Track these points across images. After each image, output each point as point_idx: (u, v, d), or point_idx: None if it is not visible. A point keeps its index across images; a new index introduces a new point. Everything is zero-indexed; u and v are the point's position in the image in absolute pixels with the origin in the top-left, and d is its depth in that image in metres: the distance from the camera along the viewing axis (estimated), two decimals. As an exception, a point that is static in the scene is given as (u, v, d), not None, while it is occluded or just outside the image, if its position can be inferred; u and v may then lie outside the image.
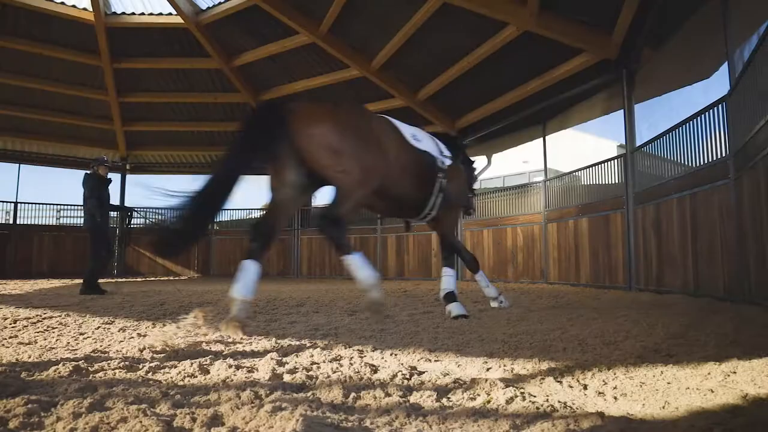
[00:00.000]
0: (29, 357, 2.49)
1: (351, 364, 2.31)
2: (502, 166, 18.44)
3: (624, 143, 7.21)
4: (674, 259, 5.74)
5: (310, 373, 2.14)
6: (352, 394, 1.81)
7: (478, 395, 1.81)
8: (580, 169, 8.31)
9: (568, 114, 9.29)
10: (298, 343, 2.88)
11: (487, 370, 2.25)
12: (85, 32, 10.77)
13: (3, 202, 12.66)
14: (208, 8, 10.38)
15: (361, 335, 3.21)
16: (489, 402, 1.72)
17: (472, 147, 11.52)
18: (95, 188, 7.14)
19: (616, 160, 7.43)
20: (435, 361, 2.45)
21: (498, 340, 2.92)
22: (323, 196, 3.71)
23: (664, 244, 5.99)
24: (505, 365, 2.31)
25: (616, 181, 7.36)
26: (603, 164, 7.71)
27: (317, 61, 10.76)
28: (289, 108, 3.29)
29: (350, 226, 3.28)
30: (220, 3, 10.16)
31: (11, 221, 12.56)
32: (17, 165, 13.04)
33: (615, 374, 2.09)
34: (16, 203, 12.64)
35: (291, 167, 3.28)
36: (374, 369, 2.20)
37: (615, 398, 1.79)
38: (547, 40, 7.46)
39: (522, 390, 1.84)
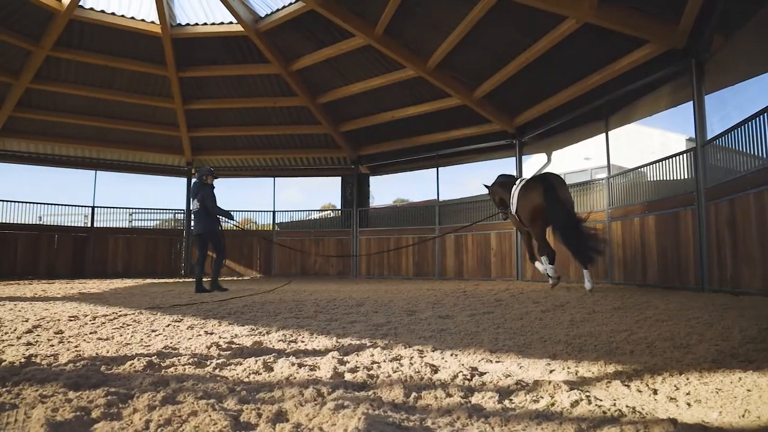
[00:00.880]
0: (107, 352, 2.65)
1: (411, 363, 2.31)
2: (562, 164, 17.95)
3: (694, 137, 6.85)
4: (752, 258, 5.39)
5: (371, 372, 2.17)
6: (413, 394, 1.81)
7: (542, 398, 1.78)
8: (646, 165, 7.95)
9: (632, 108, 8.92)
10: (358, 342, 2.91)
11: (551, 372, 2.20)
12: (153, 44, 11.36)
13: (82, 206, 13.50)
14: (267, 15, 10.68)
15: (421, 335, 3.22)
16: (553, 405, 1.69)
17: (531, 145, 11.28)
18: (212, 196, 7.86)
19: (685, 155, 7.08)
20: (496, 362, 2.42)
21: (561, 342, 2.86)
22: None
23: (740, 242, 5.64)
24: (568, 367, 2.25)
25: (686, 177, 7.01)
26: (671, 159, 7.36)
27: (373, 62, 10.85)
28: (552, 181, 6.80)
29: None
30: (278, 10, 10.43)
31: (89, 224, 13.38)
32: (94, 172, 13.87)
33: (688, 379, 2.00)
34: (93, 207, 13.45)
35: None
36: (435, 369, 2.20)
37: (688, 404, 1.71)
38: (608, 32, 7.20)
39: (587, 393, 1.79)
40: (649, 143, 20.10)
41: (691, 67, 6.73)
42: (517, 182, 7.60)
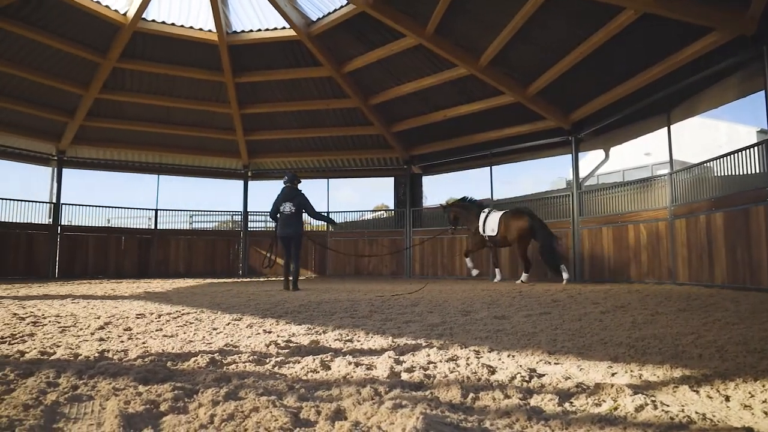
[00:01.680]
0: (172, 348, 2.76)
1: (468, 364, 2.30)
2: (620, 160, 17.35)
3: (766, 128, 6.46)
4: (832, 257, 5.04)
5: (428, 372, 2.16)
6: (471, 395, 1.80)
7: (604, 401, 1.73)
8: (712, 159, 7.56)
9: (695, 100, 8.50)
10: (414, 342, 2.92)
11: (612, 375, 2.14)
12: (210, 52, 11.77)
13: (146, 209, 14.16)
14: (318, 19, 10.85)
15: (477, 335, 3.19)
16: (616, 409, 1.64)
17: (588, 141, 10.96)
18: (309, 201, 8.35)
19: (756, 148, 6.69)
20: (555, 363, 2.37)
21: (623, 344, 2.76)
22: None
23: (818, 240, 5.29)
24: (631, 371, 2.18)
25: (758, 171, 6.62)
26: (740, 152, 6.97)
27: (424, 62, 10.82)
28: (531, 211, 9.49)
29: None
30: (329, 13, 10.58)
31: (153, 226, 14.01)
32: (157, 176, 14.51)
33: (764, 386, 1.89)
34: (156, 210, 14.08)
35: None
36: (492, 370, 2.17)
37: (765, 413, 1.62)
38: (669, 21, 6.89)
39: (653, 398, 1.72)
40: (715, 137, 19.14)
41: (762, 55, 6.34)
42: (486, 211, 9.82)
